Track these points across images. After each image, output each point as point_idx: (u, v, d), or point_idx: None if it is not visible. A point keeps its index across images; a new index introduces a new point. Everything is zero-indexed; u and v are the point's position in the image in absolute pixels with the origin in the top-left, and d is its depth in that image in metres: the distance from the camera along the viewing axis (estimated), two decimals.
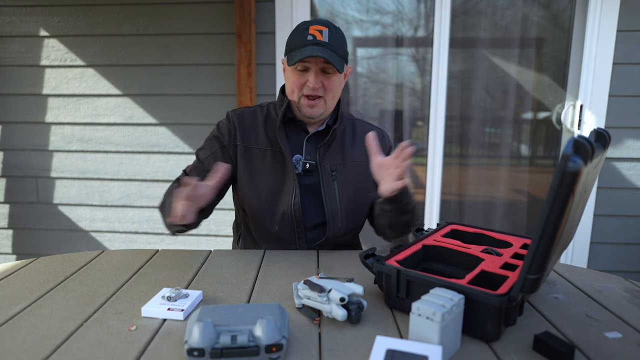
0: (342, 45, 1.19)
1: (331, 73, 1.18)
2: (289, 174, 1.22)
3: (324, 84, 1.18)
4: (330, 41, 1.15)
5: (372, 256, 0.92)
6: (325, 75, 1.18)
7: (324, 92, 1.19)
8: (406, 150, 1.02)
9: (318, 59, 1.14)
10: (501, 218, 2.47)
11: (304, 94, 1.19)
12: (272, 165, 1.23)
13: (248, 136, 1.25)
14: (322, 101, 1.20)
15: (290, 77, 1.21)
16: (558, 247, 0.70)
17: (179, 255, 1.16)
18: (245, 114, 1.29)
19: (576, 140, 0.60)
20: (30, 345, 0.72)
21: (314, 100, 1.19)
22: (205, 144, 1.28)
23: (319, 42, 1.13)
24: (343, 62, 1.18)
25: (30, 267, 1.07)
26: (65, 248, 2.54)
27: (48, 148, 2.46)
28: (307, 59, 1.15)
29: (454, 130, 2.40)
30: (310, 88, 1.17)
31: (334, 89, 1.20)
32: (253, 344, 0.66)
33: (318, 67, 1.16)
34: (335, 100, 1.25)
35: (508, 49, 2.32)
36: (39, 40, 2.37)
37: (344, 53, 1.19)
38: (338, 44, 1.17)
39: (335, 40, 1.16)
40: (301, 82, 1.18)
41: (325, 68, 1.17)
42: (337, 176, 1.26)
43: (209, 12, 2.28)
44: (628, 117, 2.19)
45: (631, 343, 0.75)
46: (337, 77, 1.20)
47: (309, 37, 1.14)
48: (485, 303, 0.72)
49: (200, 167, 1.23)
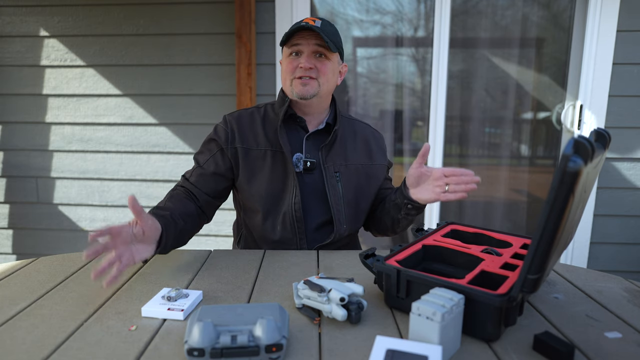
0: (336, 36, 1.21)
1: (323, 57, 1.20)
2: (289, 173, 1.22)
3: (316, 66, 1.19)
4: (322, 27, 1.17)
5: (372, 256, 0.92)
6: (318, 59, 1.20)
7: (317, 74, 1.20)
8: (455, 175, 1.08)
9: (310, 40, 1.17)
10: (501, 218, 2.47)
11: (296, 76, 1.20)
12: (272, 166, 1.23)
13: (247, 138, 1.25)
14: (315, 82, 1.20)
15: (284, 64, 1.23)
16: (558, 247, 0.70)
17: (179, 255, 1.16)
18: (243, 116, 1.29)
19: (576, 141, 0.60)
20: (30, 345, 0.72)
21: (307, 79, 1.20)
22: (203, 148, 1.28)
23: (311, 26, 1.16)
24: (335, 47, 1.20)
25: (30, 267, 1.07)
26: (65, 248, 2.54)
27: (48, 148, 2.46)
28: (299, 42, 1.18)
29: (454, 130, 2.40)
30: (303, 69, 1.18)
31: (327, 72, 1.21)
32: (253, 344, 0.65)
33: (310, 50, 1.18)
34: (330, 87, 1.25)
35: (508, 49, 2.32)
36: (39, 40, 2.38)
37: (337, 42, 1.21)
38: (331, 32, 1.19)
39: (328, 30, 1.19)
40: (294, 65, 1.20)
41: (318, 50, 1.18)
42: (341, 178, 1.27)
43: (209, 12, 2.28)
44: (628, 117, 2.19)
45: (631, 343, 0.75)
46: (330, 63, 1.21)
47: (302, 24, 1.17)
48: (485, 303, 0.72)
49: (202, 172, 1.24)
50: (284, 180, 1.23)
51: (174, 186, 1.25)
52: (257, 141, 1.25)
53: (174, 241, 1.08)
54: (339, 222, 1.24)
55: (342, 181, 1.26)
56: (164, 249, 1.03)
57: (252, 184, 1.23)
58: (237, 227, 1.40)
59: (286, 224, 1.23)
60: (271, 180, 1.23)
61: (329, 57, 1.20)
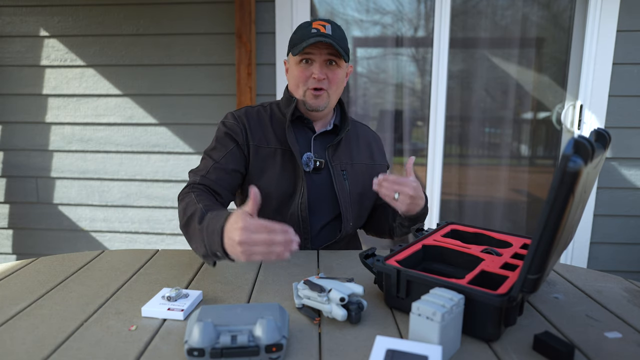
0: (344, 41, 1.21)
1: (335, 65, 1.20)
2: (299, 173, 1.22)
3: (328, 76, 1.19)
4: (333, 34, 1.17)
5: (372, 256, 0.92)
6: (329, 67, 1.19)
7: (327, 85, 1.20)
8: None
9: (323, 50, 1.17)
10: (501, 218, 2.47)
11: (309, 87, 1.19)
12: (282, 165, 1.22)
13: (257, 135, 1.23)
14: (325, 94, 1.21)
15: (294, 71, 1.22)
16: (558, 247, 0.70)
17: (179, 255, 1.16)
18: (250, 113, 1.27)
19: (576, 141, 0.60)
20: (30, 345, 0.72)
21: (319, 91, 1.20)
22: (217, 144, 1.22)
23: (323, 34, 1.15)
24: (346, 54, 1.20)
25: (30, 267, 1.07)
26: (65, 248, 2.54)
27: (48, 148, 2.46)
28: (311, 50, 1.17)
29: (454, 130, 2.40)
30: (316, 80, 1.18)
31: (337, 81, 1.21)
32: (253, 344, 0.65)
33: (322, 59, 1.18)
34: (338, 94, 1.26)
35: (508, 49, 2.32)
36: (39, 40, 2.38)
37: (345, 48, 1.21)
38: (340, 38, 1.19)
39: (338, 35, 1.19)
40: (306, 74, 1.19)
41: (330, 59, 1.18)
42: (348, 176, 1.28)
43: (209, 12, 2.28)
44: (628, 117, 2.19)
45: (631, 343, 0.75)
46: (341, 71, 1.22)
47: (313, 30, 1.16)
48: (485, 303, 0.72)
49: (219, 167, 1.18)
50: (294, 180, 1.22)
51: (190, 186, 1.14)
52: (267, 139, 1.23)
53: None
54: (347, 219, 1.25)
55: (348, 179, 1.27)
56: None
57: (260, 182, 1.21)
58: None
59: (292, 224, 1.23)
60: (280, 180, 1.21)
61: (339, 64, 1.20)
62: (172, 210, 2.45)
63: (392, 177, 1.09)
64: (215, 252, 0.90)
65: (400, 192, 1.08)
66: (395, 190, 1.08)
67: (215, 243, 0.88)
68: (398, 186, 1.08)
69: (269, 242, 0.79)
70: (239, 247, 0.81)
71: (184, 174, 2.41)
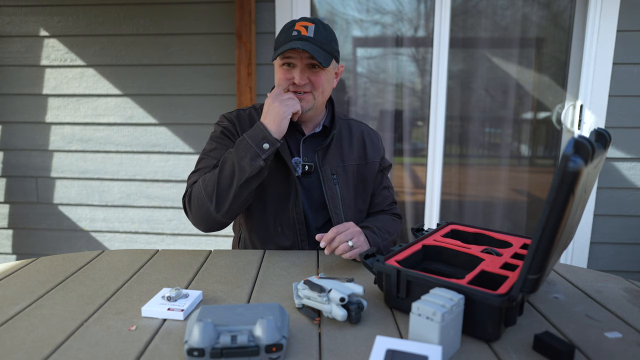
0: (330, 42, 1.17)
1: (318, 68, 1.17)
2: (290, 176, 1.21)
3: (310, 79, 1.17)
4: (315, 36, 1.14)
5: (372, 256, 0.92)
6: (312, 70, 1.17)
7: (311, 88, 1.18)
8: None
9: (303, 54, 1.13)
10: (501, 218, 2.47)
11: (290, 90, 1.18)
12: (275, 167, 1.21)
13: None
14: (310, 96, 1.19)
15: (278, 73, 1.20)
16: (558, 247, 0.70)
17: (179, 255, 1.16)
18: (242, 115, 1.27)
19: (576, 141, 0.60)
20: (30, 345, 0.72)
21: (302, 95, 1.18)
22: (215, 143, 1.22)
23: (303, 37, 1.13)
24: (330, 58, 1.16)
25: (30, 267, 1.07)
26: (65, 248, 2.54)
27: (48, 148, 2.46)
28: (291, 55, 1.14)
29: (454, 130, 2.40)
30: (296, 84, 1.16)
31: (322, 84, 1.19)
32: (253, 344, 0.65)
33: (304, 63, 1.15)
34: (325, 96, 1.23)
35: (508, 49, 2.32)
36: (39, 40, 2.37)
37: (331, 49, 1.17)
38: (325, 40, 1.16)
39: (322, 37, 1.15)
40: (287, 77, 1.17)
41: (312, 63, 1.16)
42: (339, 180, 1.26)
43: (209, 12, 2.28)
44: (628, 117, 2.19)
45: (631, 343, 0.75)
46: (325, 73, 1.19)
47: (293, 33, 1.14)
48: (485, 303, 0.72)
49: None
50: (286, 182, 1.22)
51: (193, 184, 1.16)
52: None
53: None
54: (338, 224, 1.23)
55: (339, 183, 1.26)
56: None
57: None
58: (237, 227, 1.40)
59: (289, 227, 1.22)
60: (273, 183, 1.22)
61: (322, 67, 1.17)
62: (172, 210, 2.45)
63: (328, 235, 1.04)
64: (261, 139, 1.08)
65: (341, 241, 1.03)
66: (341, 241, 1.03)
67: (258, 129, 1.10)
68: (339, 236, 1.04)
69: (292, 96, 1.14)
70: (276, 103, 1.12)
71: (184, 174, 2.41)
